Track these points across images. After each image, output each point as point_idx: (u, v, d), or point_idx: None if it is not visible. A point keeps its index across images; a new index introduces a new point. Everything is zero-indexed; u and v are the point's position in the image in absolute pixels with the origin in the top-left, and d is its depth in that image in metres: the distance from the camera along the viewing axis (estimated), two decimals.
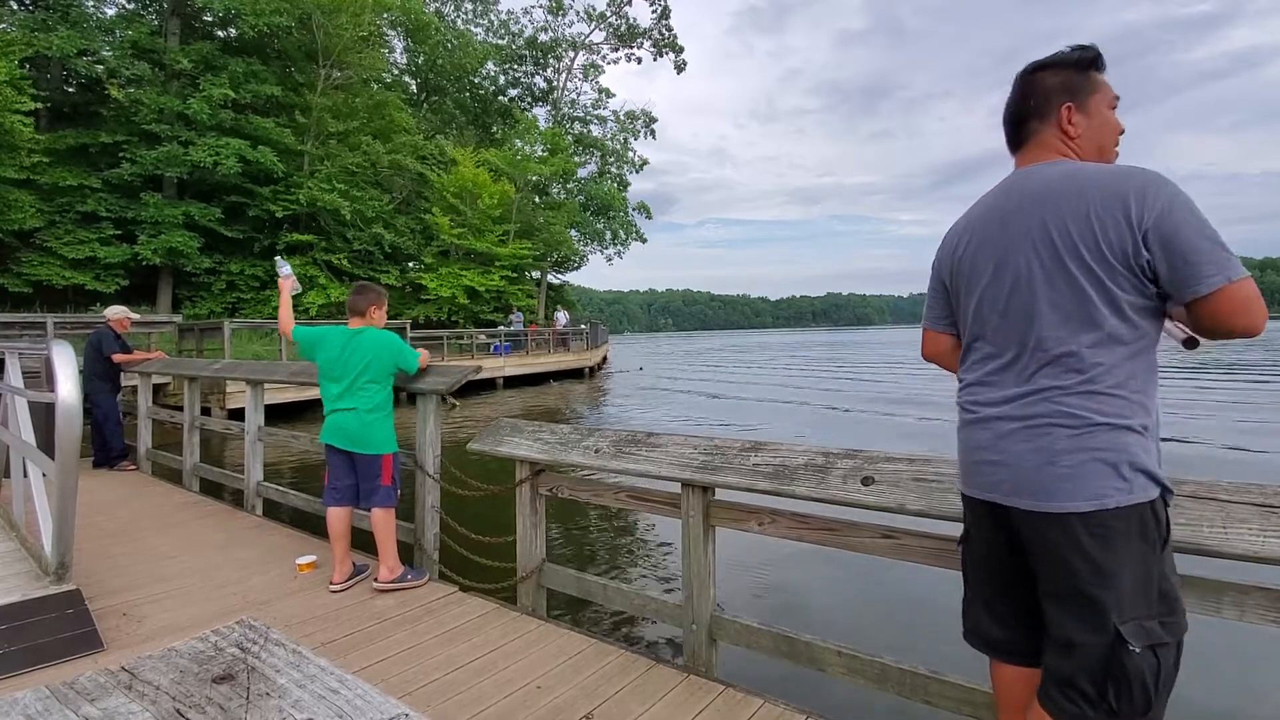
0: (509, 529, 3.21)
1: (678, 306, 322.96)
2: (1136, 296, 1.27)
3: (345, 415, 3.31)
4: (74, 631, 2.73)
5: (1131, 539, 1.24)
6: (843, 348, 51.49)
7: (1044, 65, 1.48)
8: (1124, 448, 1.25)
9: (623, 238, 37.90)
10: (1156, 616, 1.23)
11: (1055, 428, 1.29)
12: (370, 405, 3.33)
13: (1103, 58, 1.47)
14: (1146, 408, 1.29)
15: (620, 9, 35.83)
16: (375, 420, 3.33)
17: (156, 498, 5.37)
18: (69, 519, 3.04)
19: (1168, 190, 1.24)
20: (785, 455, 2.27)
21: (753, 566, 5.09)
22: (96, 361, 6.38)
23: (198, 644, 1.43)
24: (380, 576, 3.31)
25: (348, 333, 3.40)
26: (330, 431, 3.35)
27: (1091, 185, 1.30)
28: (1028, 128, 1.49)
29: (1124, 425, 1.26)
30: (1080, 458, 1.26)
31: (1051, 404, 1.31)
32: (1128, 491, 1.24)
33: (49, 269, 17.10)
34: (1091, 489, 1.25)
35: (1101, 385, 1.28)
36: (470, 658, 2.56)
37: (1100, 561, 1.24)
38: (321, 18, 20.55)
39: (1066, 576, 1.29)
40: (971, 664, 1.76)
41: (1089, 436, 1.26)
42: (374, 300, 3.50)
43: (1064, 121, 1.45)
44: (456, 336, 20.89)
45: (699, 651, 2.46)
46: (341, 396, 3.33)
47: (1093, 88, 1.45)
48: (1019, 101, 1.51)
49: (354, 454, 3.35)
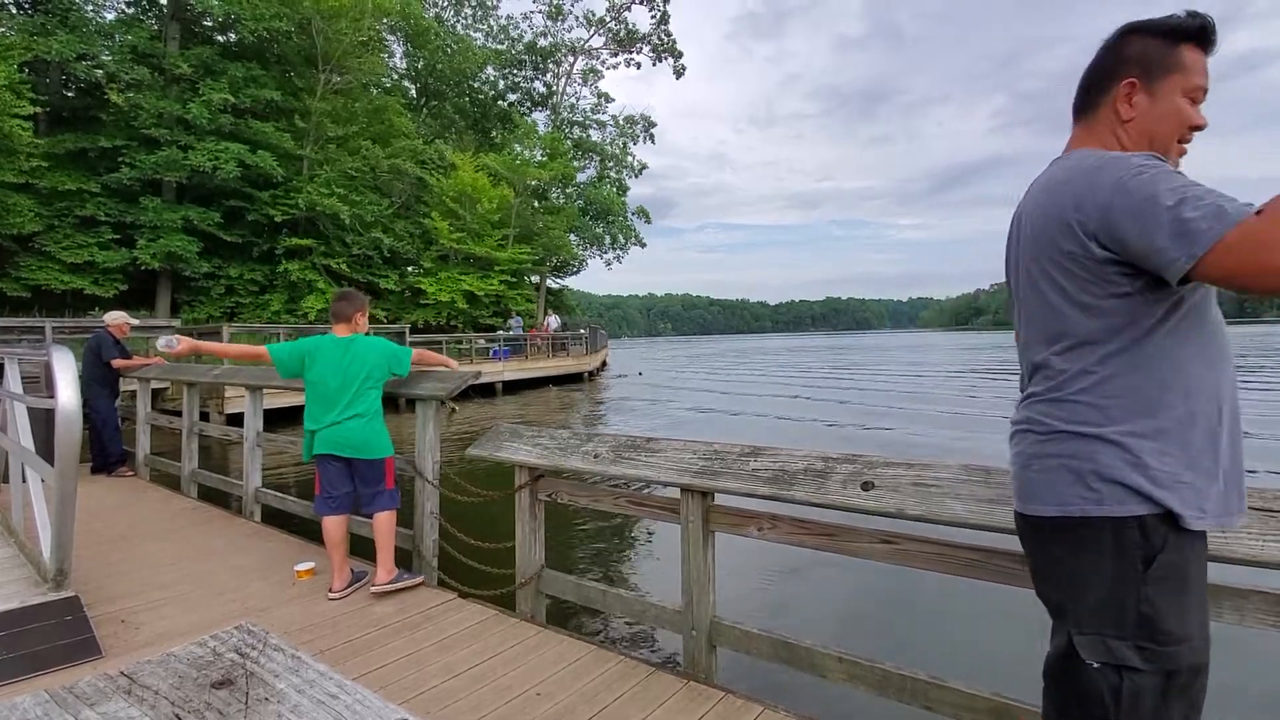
0: (508, 534, 3.21)
1: (677, 311, 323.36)
2: (1109, 295, 1.16)
3: (350, 424, 3.29)
4: (72, 638, 2.73)
5: (1103, 553, 1.16)
6: (852, 351, 51.37)
7: (1136, 28, 1.28)
8: (1089, 456, 1.18)
9: (622, 242, 37.96)
10: (1130, 639, 1.13)
11: (1028, 433, 1.29)
12: (373, 411, 3.35)
13: (1212, 32, 1.23)
14: (1135, 414, 1.16)
15: (620, 14, 35.95)
16: (378, 425, 3.36)
17: (155, 504, 5.36)
18: (68, 525, 3.03)
19: (1106, 185, 1.13)
20: (784, 460, 2.27)
21: (753, 571, 5.08)
22: (95, 367, 6.37)
23: (196, 649, 1.43)
24: (379, 579, 3.33)
25: (341, 342, 3.38)
26: (329, 443, 3.30)
27: (1064, 188, 1.21)
28: (1086, 99, 1.33)
29: (1091, 434, 1.18)
30: (1048, 463, 1.23)
31: (1027, 410, 1.30)
32: (1096, 502, 1.16)
33: (48, 273, 17.11)
34: (1057, 494, 1.21)
35: (1067, 392, 1.22)
36: (469, 664, 2.56)
37: (1066, 568, 1.22)
38: (321, 22, 20.63)
39: (1036, 579, 1.30)
40: (973, 669, 1.76)
41: (1052, 443, 1.23)
42: (359, 307, 3.49)
43: (1120, 99, 1.27)
44: (455, 341, 20.88)
45: (698, 657, 2.46)
46: (348, 405, 3.31)
47: (1172, 66, 1.24)
48: (1091, 66, 1.33)
49: (355, 461, 3.34)
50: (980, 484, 1.85)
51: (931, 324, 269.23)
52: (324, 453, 3.32)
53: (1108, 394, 1.18)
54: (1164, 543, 1.14)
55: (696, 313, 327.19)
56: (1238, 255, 0.99)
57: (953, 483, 1.89)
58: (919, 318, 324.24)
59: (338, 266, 22.05)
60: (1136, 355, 1.17)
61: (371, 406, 3.35)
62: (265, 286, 21.47)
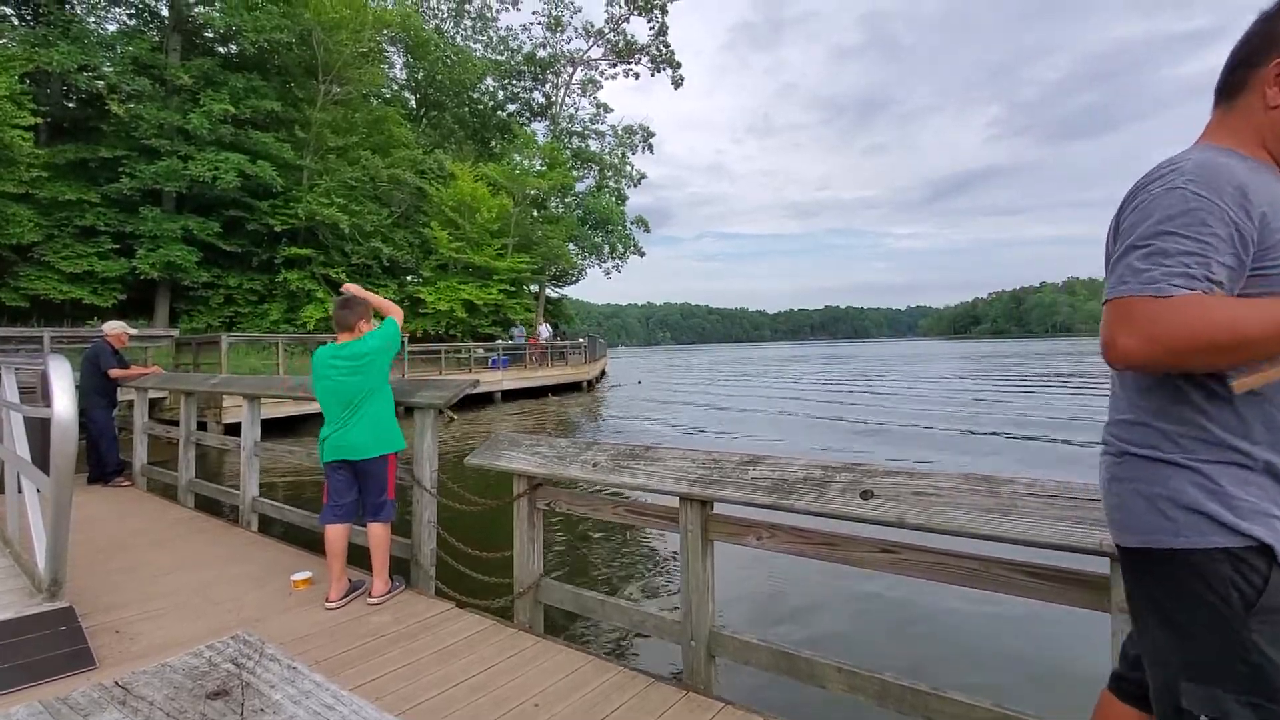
0: (506, 544, 3.19)
1: (676, 320, 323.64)
2: None
3: (355, 426, 3.31)
4: (66, 649, 2.71)
5: (1196, 590, 1.05)
6: (855, 360, 51.31)
7: None
8: (1161, 481, 1.09)
9: (621, 251, 38.02)
10: (1237, 694, 1.01)
11: (1105, 454, 1.23)
12: (377, 411, 3.36)
13: None
14: (1204, 440, 1.07)
15: (618, 26, 36.18)
16: (384, 423, 3.37)
17: (151, 514, 5.33)
18: (63, 535, 3.01)
19: (1141, 195, 1.10)
20: (784, 469, 2.27)
21: (752, 579, 5.06)
22: (93, 376, 6.36)
23: (192, 659, 1.42)
24: (375, 590, 3.32)
25: (337, 350, 3.37)
26: (334, 449, 3.33)
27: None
28: (1230, 80, 1.18)
29: (1159, 458, 1.10)
30: (1123, 488, 1.16)
31: (1105, 432, 1.25)
32: (1174, 533, 1.07)
33: (46, 283, 17.11)
34: (1139, 522, 1.12)
35: (1130, 414, 1.17)
36: (467, 675, 2.54)
37: (1157, 602, 1.12)
38: (322, 34, 20.78)
39: (1130, 613, 1.21)
40: (973, 681, 1.75)
41: (1123, 465, 1.17)
42: (363, 314, 3.46)
43: (1271, 81, 1.11)
44: (454, 351, 20.88)
45: (698, 668, 2.44)
46: (354, 408, 3.32)
47: None
48: (1241, 40, 1.16)
49: (360, 464, 3.34)
50: (981, 493, 1.85)
51: (930, 332, 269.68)
52: (331, 460, 3.35)
53: (1174, 419, 1.11)
54: (1269, 581, 1.02)
55: (695, 321, 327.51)
56: (1107, 317, 1.05)
57: (953, 491, 1.89)
58: (918, 326, 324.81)
59: (337, 276, 22.07)
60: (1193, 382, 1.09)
61: (377, 407, 3.35)
62: (264, 296, 21.49)
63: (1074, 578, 1.76)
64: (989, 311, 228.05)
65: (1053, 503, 1.75)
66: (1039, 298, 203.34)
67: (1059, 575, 1.78)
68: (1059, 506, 1.74)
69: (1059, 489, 1.78)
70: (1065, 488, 1.77)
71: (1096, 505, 1.70)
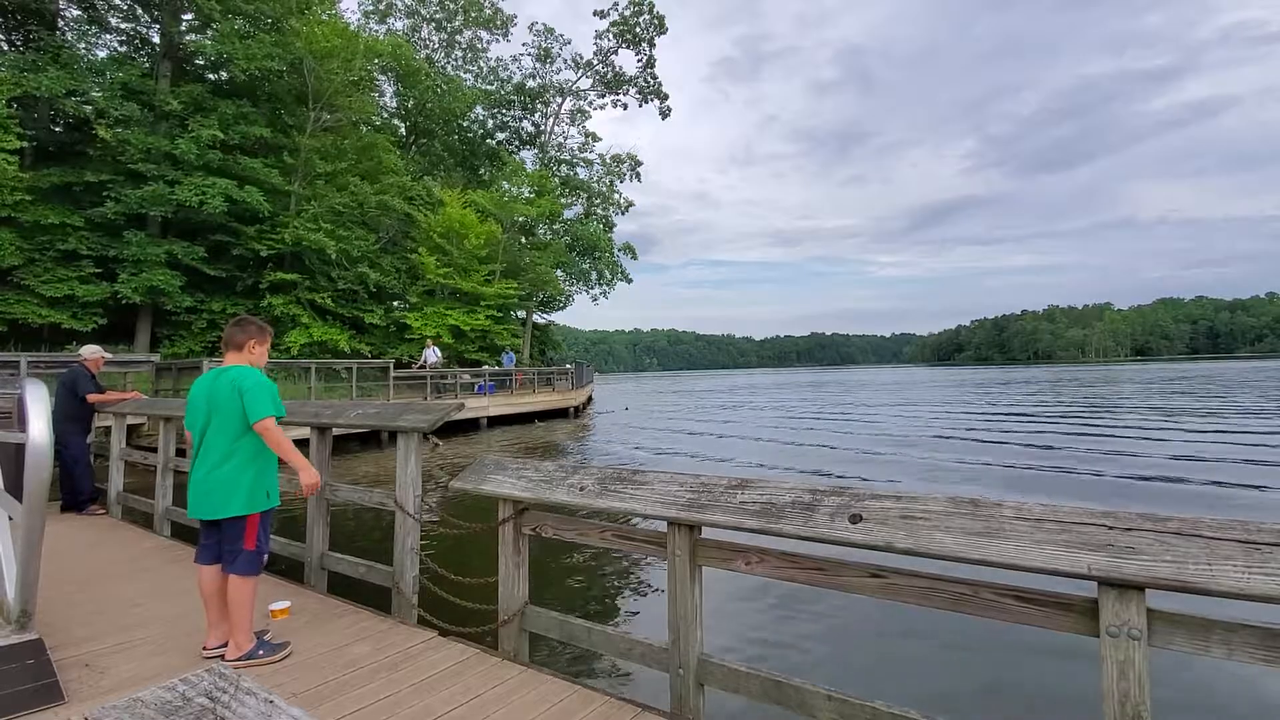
0: (490, 570, 3.14)
1: (663, 346, 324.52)
2: None
3: (207, 478, 2.93)
4: (34, 683, 2.61)
5: None
6: (840, 388, 51.56)
7: None
8: None
9: (608, 278, 38.24)
10: None
11: None
12: (233, 460, 2.93)
13: None
14: None
15: (607, 58, 36.88)
16: (235, 475, 2.93)
17: (126, 543, 5.20)
18: (34, 565, 2.93)
19: None
20: (772, 492, 2.25)
21: (741, 604, 5.00)
22: (69, 402, 6.23)
23: (164, 693, 1.37)
24: (228, 654, 2.88)
25: (207, 377, 3.01)
26: (191, 503, 2.98)
27: None
28: None
29: None
30: None
31: None
32: None
33: (25, 307, 16.85)
34: None
35: None
36: (449, 707, 2.47)
37: None
38: (313, 62, 20.95)
39: None
40: (965, 708, 1.73)
41: None
42: (254, 334, 3.10)
43: None
44: (440, 376, 20.74)
45: (686, 697, 2.39)
46: (206, 453, 2.95)
47: None
48: None
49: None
50: (968, 516, 1.85)
51: (915, 359, 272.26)
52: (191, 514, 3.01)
53: None
54: None
55: (682, 348, 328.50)
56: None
57: (941, 515, 1.88)
58: (903, 353, 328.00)
59: (322, 301, 21.96)
60: None
61: (232, 453, 2.92)
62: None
63: (1062, 602, 1.75)
64: (972, 338, 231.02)
65: (1040, 526, 1.75)
66: (1020, 325, 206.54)
67: (1047, 600, 1.77)
68: (1046, 530, 1.73)
69: (1046, 512, 1.78)
70: (1052, 511, 1.78)
71: (1083, 529, 1.70)
